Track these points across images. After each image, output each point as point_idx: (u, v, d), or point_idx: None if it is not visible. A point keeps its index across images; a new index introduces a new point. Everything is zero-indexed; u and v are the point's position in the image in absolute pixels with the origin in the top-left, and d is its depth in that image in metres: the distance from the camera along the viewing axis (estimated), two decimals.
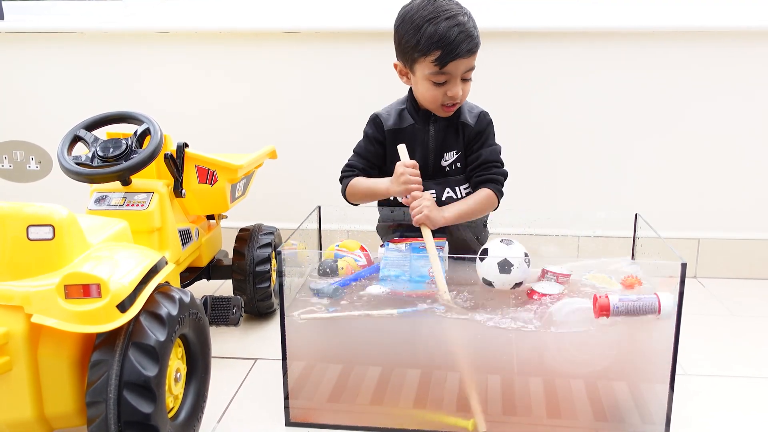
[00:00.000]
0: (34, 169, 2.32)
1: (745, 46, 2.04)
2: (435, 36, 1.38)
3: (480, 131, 1.54)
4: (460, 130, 1.54)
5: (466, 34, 1.39)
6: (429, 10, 1.41)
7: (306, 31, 2.12)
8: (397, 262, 1.34)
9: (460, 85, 1.45)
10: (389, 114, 1.56)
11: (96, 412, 1.04)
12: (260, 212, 2.17)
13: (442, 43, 1.38)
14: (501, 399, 1.26)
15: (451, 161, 1.55)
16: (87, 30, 2.18)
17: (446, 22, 1.38)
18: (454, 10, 1.41)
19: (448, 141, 1.54)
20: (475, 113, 1.55)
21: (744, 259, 2.17)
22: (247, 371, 1.54)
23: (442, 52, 1.39)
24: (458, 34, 1.38)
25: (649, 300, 1.19)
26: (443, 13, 1.40)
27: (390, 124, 1.55)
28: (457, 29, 1.38)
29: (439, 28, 1.38)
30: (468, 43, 1.39)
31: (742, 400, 1.42)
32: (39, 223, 1.08)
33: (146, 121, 1.52)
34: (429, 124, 1.53)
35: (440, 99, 1.46)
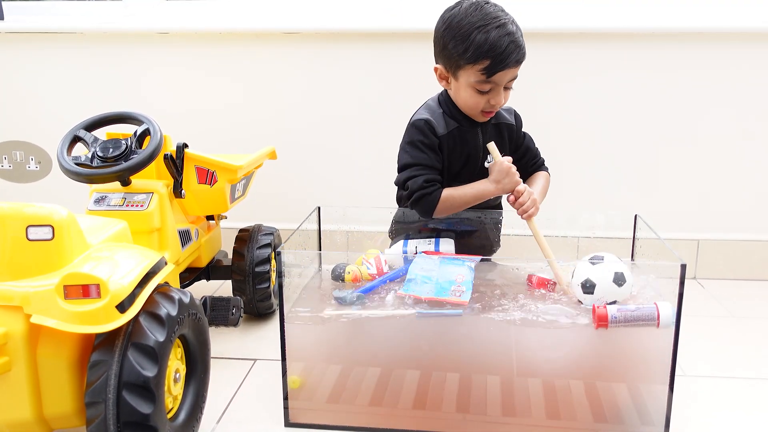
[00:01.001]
0: (33, 169, 2.32)
1: (745, 48, 2.04)
2: (485, 45, 1.36)
3: (520, 127, 1.61)
4: (504, 131, 1.57)
5: (516, 44, 1.37)
6: (478, 16, 1.37)
7: (306, 31, 2.13)
8: (427, 266, 1.32)
9: (503, 93, 1.45)
10: (434, 119, 1.49)
11: (95, 412, 1.04)
12: (260, 213, 2.17)
13: (493, 52, 1.36)
14: (501, 400, 1.26)
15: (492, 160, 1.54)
16: (87, 30, 2.18)
17: (497, 30, 1.36)
18: (503, 18, 1.38)
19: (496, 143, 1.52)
20: (510, 112, 1.60)
21: (744, 260, 2.17)
22: (246, 372, 1.54)
23: (491, 62, 1.37)
24: (508, 44, 1.36)
25: (649, 310, 1.19)
26: (493, 21, 1.37)
27: (441, 131, 1.48)
28: (507, 39, 1.36)
29: (489, 36, 1.35)
30: (517, 53, 1.38)
31: (742, 401, 1.42)
32: (38, 224, 1.08)
33: (146, 121, 1.52)
34: (476, 127, 1.51)
35: (482, 106, 1.45)
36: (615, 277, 1.26)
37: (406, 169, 1.48)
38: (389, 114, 2.09)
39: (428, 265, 1.33)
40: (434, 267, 1.32)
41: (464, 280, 1.29)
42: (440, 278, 1.29)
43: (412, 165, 1.47)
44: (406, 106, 1.60)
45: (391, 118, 1.75)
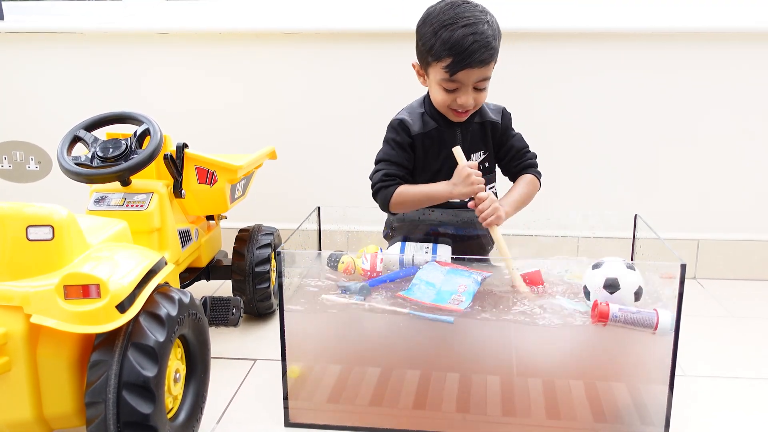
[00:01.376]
0: (33, 169, 2.32)
1: (744, 48, 2.04)
2: (448, 42, 1.35)
3: (507, 126, 1.57)
4: (488, 129, 1.54)
5: (481, 44, 1.35)
6: (450, 14, 1.38)
7: (306, 31, 2.13)
8: (434, 274, 1.32)
9: (472, 93, 1.42)
10: (411, 118, 1.51)
11: (95, 412, 1.04)
12: (260, 213, 2.17)
13: (454, 50, 1.35)
14: (500, 400, 1.26)
15: (480, 161, 1.54)
16: (87, 30, 2.18)
17: (462, 29, 1.35)
18: (474, 18, 1.37)
19: (476, 141, 1.53)
20: (498, 110, 1.56)
21: (743, 260, 2.17)
22: (246, 372, 1.54)
23: (452, 60, 1.36)
24: (472, 44, 1.34)
25: (648, 315, 1.19)
26: (462, 19, 1.36)
27: (417, 130, 1.50)
28: (472, 38, 1.35)
29: (454, 35, 1.35)
30: (481, 53, 1.36)
31: (742, 401, 1.42)
32: (38, 224, 1.08)
33: (146, 121, 1.52)
34: (455, 126, 1.51)
35: (450, 105, 1.45)
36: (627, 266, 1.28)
37: (377, 164, 1.53)
38: (389, 114, 2.08)
39: (435, 273, 1.32)
40: (440, 275, 1.32)
41: (466, 290, 1.28)
42: (444, 286, 1.29)
43: (381, 161, 1.52)
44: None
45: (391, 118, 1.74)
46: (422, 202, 1.48)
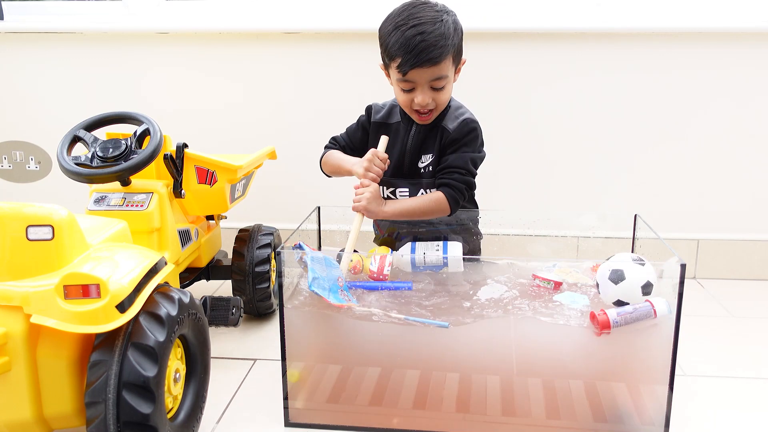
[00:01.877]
0: (33, 169, 2.32)
1: (744, 48, 2.04)
2: (398, 43, 1.38)
3: (457, 138, 1.48)
4: (438, 135, 1.51)
5: (428, 43, 1.35)
6: (404, 16, 1.40)
7: (305, 31, 2.13)
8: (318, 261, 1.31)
9: (429, 93, 1.42)
10: (383, 107, 1.59)
11: (95, 412, 1.04)
12: (260, 213, 2.17)
13: (402, 50, 1.37)
14: (500, 400, 1.26)
15: (427, 164, 1.53)
16: (87, 30, 2.18)
17: (411, 30, 1.36)
18: (426, 18, 1.37)
19: (427, 144, 1.52)
20: (459, 120, 1.49)
21: (743, 260, 2.17)
22: (246, 372, 1.54)
23: (402, 60, 1.38)
24: (419, 43, 1.35)
25: (645, 308, 1.20)
26: (413, 20, 1.37)
27: (378, 117, 1.58)
28: (419, 38, 1.35)
29: (403, 35, 1.37)
30: (428, 53, 1.36)
31: (742, 400, 1.42)
32: (38, 224, 1.08)
33: (146, 121, 1.52)
34: (413, 124, 1.53)
35: (410, 105, 1.45)
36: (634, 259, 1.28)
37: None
38: None
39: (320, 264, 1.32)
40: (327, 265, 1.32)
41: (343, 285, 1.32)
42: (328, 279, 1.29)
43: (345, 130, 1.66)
44: None
45: None
46: (335, 168, 1.59)
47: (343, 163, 1.56)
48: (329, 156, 1.60)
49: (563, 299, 1.29)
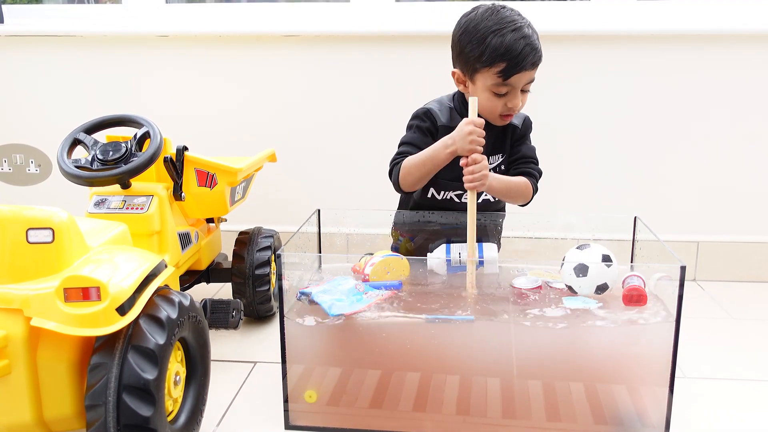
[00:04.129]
0: (33, 172, 2.32)
1: (745, 50, 2.04)
2: (501, 48, 1.38)
3: (524, 133, 1.58)
4: (508, 133, 1.56)
5: (532, 47, 1.39)
6: (494, 20, 1.40)
7: (305, 34, 2.13)
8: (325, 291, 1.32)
9: (520, 96, 1.45)
10: (440, 110, 1.54)
11: (95, 415, 1.04)
12: (260, 215, 2.17)
13: (509, 55, 1.38)
14: (501, 402, 1.26)
15: (497, 164, 1.55)
16: (87, 33, 2.18)
17: (512, 34, 1.38)
18: (519, 22, 1.40)
19: (497, 144, 1.55)
20: (521, 116, 1.58)
21: (743, 261, 2.17)
22: (246, 374, 1.54)
23: (507, 65, 1.39)
24: (524, 47, 1.38)
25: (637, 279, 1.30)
26: (509, 24, 1.39)
27: (444, 121, 1.52)
28: (523, 42, 1.38)
29: (505, 40, 1.38)
30: (533, 56, 1.39)
31: (742, 403, 1.42)
32: (38, 227, 1.08)
33: (146, 124, 1.52)
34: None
35: (499, 109, 1.46)
36: (603, 258, 1.31)
37: (398, 148, 1.54)
38: (389, 116, 2.09)
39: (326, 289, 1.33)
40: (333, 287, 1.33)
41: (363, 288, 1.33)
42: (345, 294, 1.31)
43: (402, 144, 1.54)
44: (405, 109, 1.60)
45: (391, 120, 1.75)
46: (424, 165, 1.44)
47: (431, 156, 1.43)
48: (409, 165, 1.47)
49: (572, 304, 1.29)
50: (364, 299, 1.30)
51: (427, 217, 1.56)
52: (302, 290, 1.32)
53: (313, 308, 1.30)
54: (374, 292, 1.33)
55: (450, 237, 1.55)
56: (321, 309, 1.28)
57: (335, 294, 1.30)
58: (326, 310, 1.26)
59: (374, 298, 1.30)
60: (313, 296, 1.29)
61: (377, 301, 1.29)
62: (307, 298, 1.30)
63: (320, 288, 1.32)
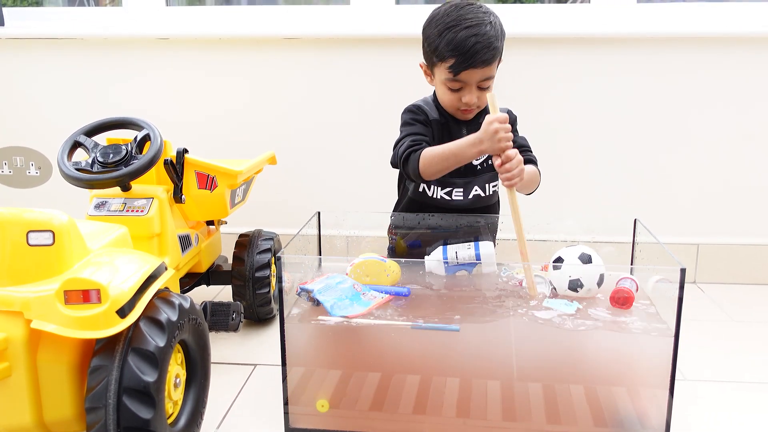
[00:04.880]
0: (34, 174, 2.32)
1: (744, 52, 2.05)
2: (452, 44, 1.39)
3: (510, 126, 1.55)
4: None
5: (483, 44, 1.39)
6: (453, 16, 1.41)
7: (305, 37, 2.13)
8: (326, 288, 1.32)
9: (476, 92, 1.45)
10: (427, 106, 1.55)
11: (95, 417, 1.04)
12: (260, 218, 2.17)
13: (457, 51, 1.39)
14: (501, 404, 1.25)
15: (483, 159, 1.55)
16: (87, 36, 2.19)
17: (465, 31, 1.39)
18: (477, 19, 1.40)
19: None
20: (503, 111, 1.56)
21: (744, 264, 2.17)
22: (246, 377, 1.54)
23: (456, 60, 1.40)
24: (474, 44, 1.38)
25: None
26: (465, 21, 1.40)
27: (434, 116, 1.53)
28: (474, 39, 1.38)
29: (457, 36, 1.39)
30: (483, 53, 1.39)
31: (742, 405, 1.42)
32: (39, 229, 1.08)
33: (146, 126, 1.53)
34: (461, 124, 1.54)
35: (455, 104, 1.48)
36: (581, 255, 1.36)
37: (401, 140, 1.52)
38: (389, 119, 2.09)
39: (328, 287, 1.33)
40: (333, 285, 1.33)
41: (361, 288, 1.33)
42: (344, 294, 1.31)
43: (404, 136, 1.51)
44: None
45: (391, 122, 1.75)
46: (448, 159, 1.41)
47: (457, 149, 1.39)
48: (430, 154, 1.43)
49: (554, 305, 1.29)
50: (363, 300, 1.30)
51: (427, 219, 1.56)
52: (302, 286, 1.32)
53: (314, 310, 1.29)
54: (372, 293, 1.32)
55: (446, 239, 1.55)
56: (319, 308, 1.28)
57: (336, 292, 1.30)
58: (328, 310, 1.26)
59: (373, 300, 1.30)
60: (314, 293, 1.29)
61: (379, 304, 1.29)
62: (307, 294, 1.30)
63: (321, 285, 1.31)
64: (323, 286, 1.31)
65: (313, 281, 1.34)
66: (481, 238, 1.54)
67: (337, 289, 1.31)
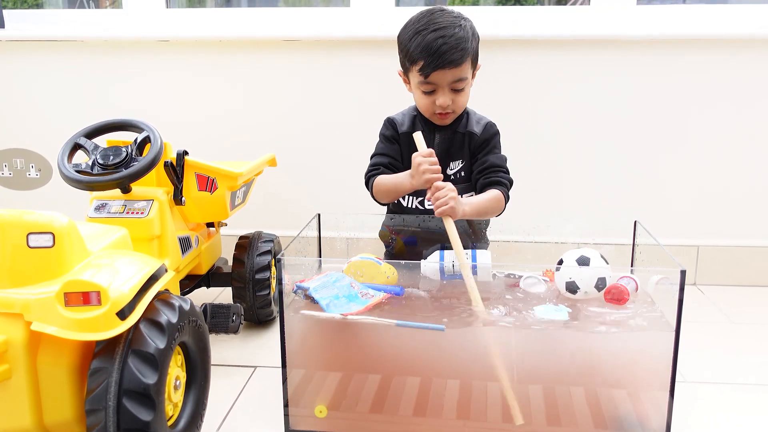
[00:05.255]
0: (34, 176, 2.32)
1: (744, 54, 2.05)
2: (420, 46, 1.42)
3: (486, 139, 1.56)
4: (466, 140, 1.56)
5: (450, 45, 1.40)
6: (424, 21, 1.44)
7: (305, 39, 2.13)
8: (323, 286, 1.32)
9: (450, 95, 1.47)
10: (403, 118, 1.59)
11: (95, 419, 1.04)
12: (260, 220, 2.17)
13: (425, 53, 1.42)
14: (501, 407, 1.25)
15: (456, 170, 1.56)
16: (87, 38, 2.19)
17: (433, 33, 1.41)
18: (445, 23, 1.42)
19: (454, 150, 1.56)
20: (482, 123, 1.57)
21: (744, 266, 2.17)
22: (246, 379, 1.54)
23: (425, 62, 1.42)
24: (441, 46, 1.40)
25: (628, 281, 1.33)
26: (434, 24, 1.43)
27: (404, 129, 1.57)
28: (441, 40, 1.40)
29: (424, 39, 1.42)
30: (451, 53, 1.40)
31: (743, 407, 1.42)
32: (39, 231, 1.08)
33: (146, 128, 1.53)
34: (435, 132, 1.55)
35: (431, 107, 1.50)
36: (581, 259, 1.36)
37: (371, 158, 1.60)
38: None
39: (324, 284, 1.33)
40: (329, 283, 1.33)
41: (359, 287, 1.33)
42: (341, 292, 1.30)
43: (373, 155, 1.60)
44: None
45: None
46: (390, 192, 1.52)
47: (398, 184, 1.48)
48: (379, 184, 1.53)
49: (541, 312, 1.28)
50: (360, 299, 1.29)
51: (426, 222, 1.56)
52: (299, 284, 1.32)
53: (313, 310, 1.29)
54: (369, 291, 1.32)
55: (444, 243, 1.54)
56: (315, 306, 1.27)
57: (332, 291, 1.30)
58: (323, 308, 1.25)
59: (370, 299, 1.30)
60: (310, 291, 1.28)
61: (375, 303, 1.29)
62: (303, 293, 1.30)
63: (317, 283, 1.31)
64: (320, 284, 1.31)
65: (310, 279, 1.34)
66: (479, 246, 1.53)
67: (334, 287, 1.31)
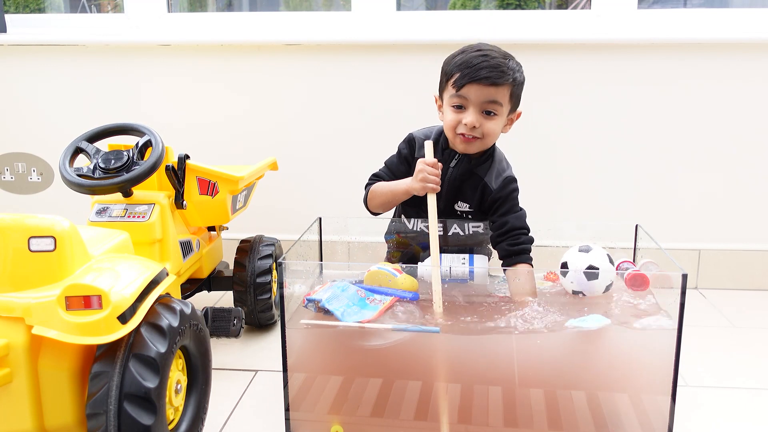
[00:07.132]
0: (35, 180, 2.33)
1: (746, 59, 2.05)
2: (460, 61, 1.42)
3: (503, 197, 1.49)
4: (479, 189, 1.50)
5: (490, 63, 1.39)
6: (473, 46, 1.45)
7: (307, 43, 2.14)
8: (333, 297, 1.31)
9: (479, 116, 1.42)
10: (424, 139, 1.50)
11: (96, 424, 1.04)
12: (261, 223, 2.17)
13: (463, 66, 1.41)
14: (502, 410, 1.25)
15: (464, 211, 1.53)
16: (89, 43, 2.19)
17: (477, 53, 1.42)
18: (494, 52, 1.43)
19: (464, 191, 1.52)
20: (501, 178, 1.50)
21: (745, 269, 2.17)
22: (247, 383, 1.54)
23: (460, 74, 1.41)
24: (480, 62, 1.40)
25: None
26: (481, 50, 1.43)
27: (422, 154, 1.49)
28: (482, 58, 1.40)
29: (467, 56, 1.42)
30: (489, 71, 1.39)
31: (744, 411, 1.42)
32: (40, 235, 1.08)
33: (148, 132, 1.53)
34: (449, 165, 1.51)
35: (456, 125, 1.44)
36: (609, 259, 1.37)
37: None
38: (390, 125, 2.10)
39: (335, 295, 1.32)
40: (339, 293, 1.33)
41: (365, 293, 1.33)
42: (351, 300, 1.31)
43: (384, 164, 1.59)
44: (406, 117, 1.61)
45: (392, 128, 1.75)
46: (387, 198, 1.52)
47: (395, 189, 1.49)
48: (375, 191, 1.53)
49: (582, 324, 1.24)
50: (369, 305, 1.29)
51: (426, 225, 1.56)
52: (309, 297, 1.31)
53: (316, 317, 1.29)
54: (375, 297, 1.32)
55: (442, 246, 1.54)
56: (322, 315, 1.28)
57: (343, 300, 1.30)
58: (339, 318, 1.25)
59: (380, 304, 1.30)
60: (323, 303, 1.28)
61: (387, 307, 1.29)
62: (315, 305, 1.29)
63: (327, 294, 1.31)
64: (330, 294, 1.31)
65: (316, 291, 1.33)
66: (477, 251, 1.53)
67: (343, 296, 1.31)
